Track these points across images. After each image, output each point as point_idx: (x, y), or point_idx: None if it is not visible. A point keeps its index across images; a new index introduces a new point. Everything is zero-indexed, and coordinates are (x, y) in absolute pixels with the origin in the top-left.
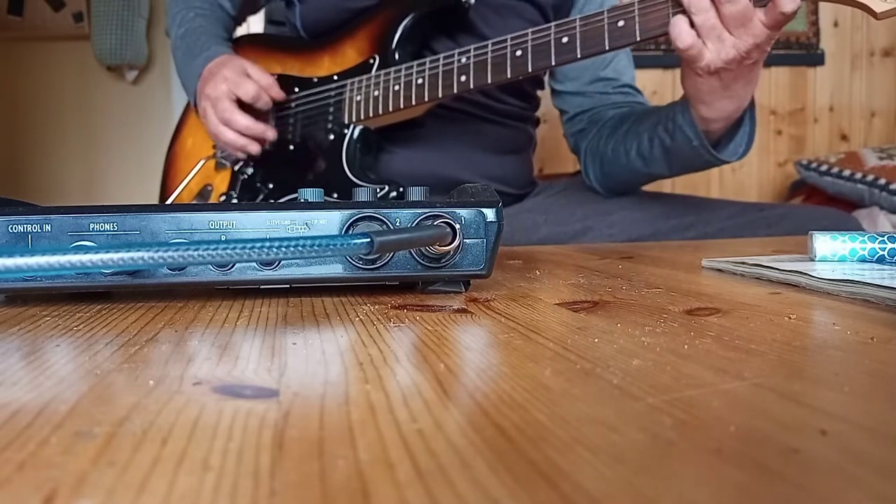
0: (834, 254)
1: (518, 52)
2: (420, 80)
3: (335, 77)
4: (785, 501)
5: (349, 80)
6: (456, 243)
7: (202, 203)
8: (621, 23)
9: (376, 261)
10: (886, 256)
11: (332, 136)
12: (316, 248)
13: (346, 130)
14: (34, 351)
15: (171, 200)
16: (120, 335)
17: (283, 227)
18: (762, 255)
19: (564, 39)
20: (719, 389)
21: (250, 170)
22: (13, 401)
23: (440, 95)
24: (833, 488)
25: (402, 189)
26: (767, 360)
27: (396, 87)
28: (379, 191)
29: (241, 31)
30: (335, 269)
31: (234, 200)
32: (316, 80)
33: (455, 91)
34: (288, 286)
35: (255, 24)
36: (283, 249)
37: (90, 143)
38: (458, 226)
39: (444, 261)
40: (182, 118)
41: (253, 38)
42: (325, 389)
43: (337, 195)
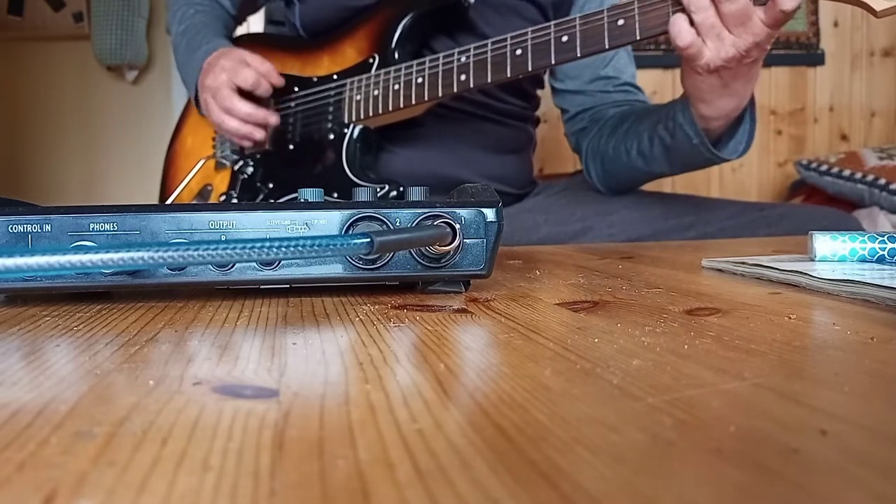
0: (834, 254)
1: (518, 51)
2: (420, 80)
3: (335, 76)
4: (785, 501)
5: (349, 80)
6: (456, 243)
7: (202, 203)
8: (621, 21)
9: (376, 261)
10: (886, 256)
11: (331, 136)
12: (316, 248)
13: (345, 130)
14: (34, 351)
15: (171, 200)
16: (120, 335)
17: (283, 227)
18: (762, 255)
19: (564, 38)
20: (719, 389)
21: (250, 170)
22: (13, 401)
23: (440, 95)
24: (833, 488)
25: (402, 189)
26: (767, 360)
27: (396, 87)
28: (379, 190)
29: (241, 30)
30: (335, 269)
31: (234, 200)
32: (315, 79)
33: (455, 90)
34: (288, 286)
35: (255, 23)
36: (283, 249)
37: (90, 143)
38: (458, 226)
39: (444, 261)
40: (182, 118)
41: (253, 38)
42: (325, 389)
43: (337, 195)
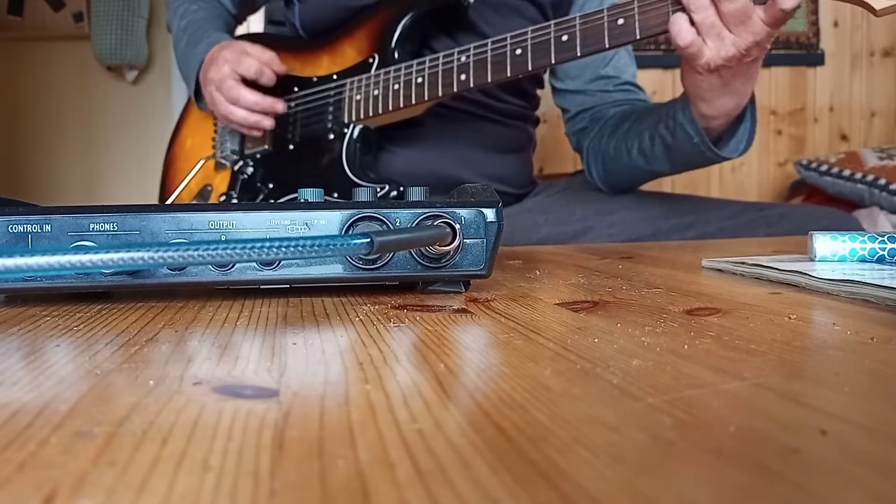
0: (834, 254)
1: (518, 51)
2: (420, 79)
3: (334, 76)
4: (785, 501)
5: (349, 80)
6: (456, 243)
7: (202, 203)
8: (621, 21)
9: (376, 261)
10: (886, 256)
11: (331, 136)
12: (316, 248)
13: (345, 130)
14: (34, 351)
15: (170, 200)
16: (120, 335)
17: (283, 227)
18: (762, 255)
19: (564, 38)
20: (719, 389)
21: (250, 170)
22: (13, 401)
23: (440, 94)
24: (833, 488)
25: (402, 188)
26: (767, 360)
27: (396, 87)
28: (379, 190)
29: (241, 30)
30: (335, 269)
31: (234, 200)
32: (315, 79)
33: (455, 90)
34: (288, 286)
35: (255, 23)
36: (283, 249)
37: (90, 143)
38: (458, 226)
39: (444, 261)
40: (181, 118)
41: (252, 38)
42: (325, 389)
43: (337, 195)
